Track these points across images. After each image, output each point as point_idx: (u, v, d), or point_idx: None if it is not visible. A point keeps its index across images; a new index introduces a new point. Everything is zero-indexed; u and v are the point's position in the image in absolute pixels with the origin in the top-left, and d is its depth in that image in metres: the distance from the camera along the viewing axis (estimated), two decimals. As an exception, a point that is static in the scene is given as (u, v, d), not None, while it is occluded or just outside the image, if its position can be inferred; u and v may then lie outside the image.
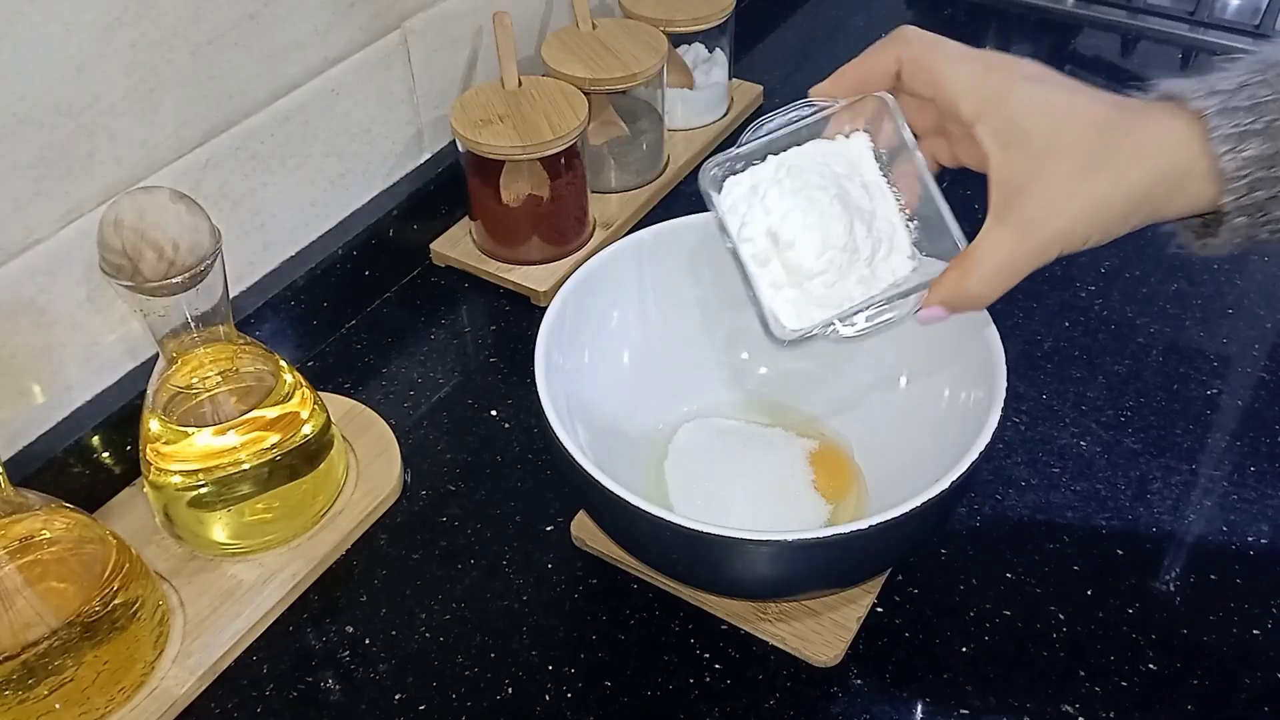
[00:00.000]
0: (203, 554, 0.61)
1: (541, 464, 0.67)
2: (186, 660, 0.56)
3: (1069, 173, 0.42)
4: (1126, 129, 0.42)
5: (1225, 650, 0.56)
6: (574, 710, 0.55)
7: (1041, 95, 0.43)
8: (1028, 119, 0.43)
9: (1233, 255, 0.80)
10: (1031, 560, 0.60)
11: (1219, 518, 0.63)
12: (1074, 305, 0.77)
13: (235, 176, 0.68)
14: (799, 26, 1.12)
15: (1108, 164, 0.42)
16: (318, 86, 0.71)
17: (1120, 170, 0.42)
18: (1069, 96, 0.43)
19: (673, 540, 0.49)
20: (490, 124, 0.75)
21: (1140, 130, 0.42)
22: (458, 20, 0.80)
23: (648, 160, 0.88)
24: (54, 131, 0.57)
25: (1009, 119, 0.43)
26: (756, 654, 0.57)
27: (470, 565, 0.62)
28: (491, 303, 0.80)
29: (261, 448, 0.59)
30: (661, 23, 0.87)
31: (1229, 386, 0.71)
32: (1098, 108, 0.43)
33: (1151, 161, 0.42)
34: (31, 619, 0.50)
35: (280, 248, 0.74)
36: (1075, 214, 0.42)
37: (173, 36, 0.61)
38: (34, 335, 0.59)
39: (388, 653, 0.57)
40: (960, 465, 0.49)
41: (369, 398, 0.71)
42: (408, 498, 0.65)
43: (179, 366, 0.57)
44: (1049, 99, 0.43)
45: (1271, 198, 0.41)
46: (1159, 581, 0.60)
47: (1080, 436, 0.67)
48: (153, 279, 0.51)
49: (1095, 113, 0.43)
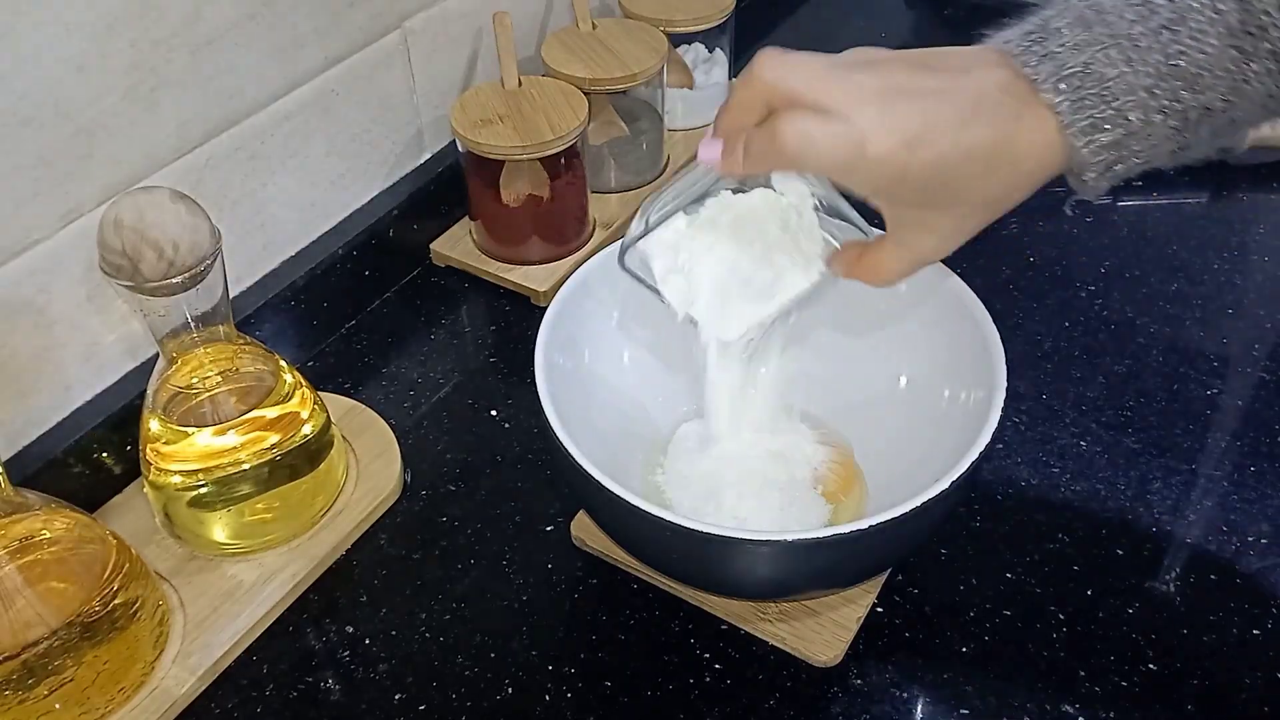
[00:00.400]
0: (203, 554, 0.61)
1: (541, 464, 0.67)
2: (186, 660, 0.56)
3: (959, 218, 0.44)
4: (1007, 157, 0.42)
5: (1225, 650, 0.56)
6: (574, 710, 0.55)
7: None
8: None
9: (1233, 255, 0.80)
10: (1031, 560, 0.60)
11: (1219, 518, 0.63)
12: (1074, 305, 0.77)
13: (235, 176, 0.68)
14: (799, 26, 1.12)
15: (996, 205, 0.44)
16: (318, 86, 0.71)
17: (1007, 205, 0.44)
18: (940, 123, 0.42)
19: (673, 540, 0.49)
20: (490, 124, 0.75)
21: (1018, 158, 0.42)
22: (458, 20, 0.80)
23: (648, 160, 0.88)
24: (54, 131, 0.57)
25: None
26: (756, 654, 0.57)
27: (470, 565, 0.62)
28: (491, 303, 0.80)
29: (261, 448, 0.59)
30: (661, 23, 0.87)
31: (1229, 386, 0.71)
32: (976, 134, 0.42)
33: (1029, 181, 0.43)
34: (31, 619, 0.50)
35: (280, 248, 0.74)
36: (961, 240, 0.45)
37: (173, 36, 0.61)
38: (34, 335, 0.59)
39: (388, 653, 0.57)
40: (960, 465, 0.49)
41: (369, 398, 0.71)
42: (408, 498, 0.65)
43: (179, 366, 0.57)
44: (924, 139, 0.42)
45: (1126, 163, 0.42)
46: (1159, 581, 0.60)
47: (1080, 436, 0.67)
48: (153, 279, 0.51)
49: (976, 146, 0.42)
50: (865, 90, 0.41)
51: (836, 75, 0.42)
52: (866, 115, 0.41)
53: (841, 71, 0.42)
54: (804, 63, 0.43)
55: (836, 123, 0.41)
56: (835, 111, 0.41)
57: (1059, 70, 0.40)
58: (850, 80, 0.42)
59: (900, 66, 0.43)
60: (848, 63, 0.43)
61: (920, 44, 0.45)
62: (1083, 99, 0.40)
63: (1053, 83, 0.41)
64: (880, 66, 0.43)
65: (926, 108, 0.41)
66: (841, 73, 0.42)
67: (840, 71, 0.42)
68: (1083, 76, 0.40)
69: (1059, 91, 0.40)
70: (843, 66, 0.43)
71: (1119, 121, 0.40)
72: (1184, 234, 0.83)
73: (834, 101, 0.41)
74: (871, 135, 0.41)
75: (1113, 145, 0.41)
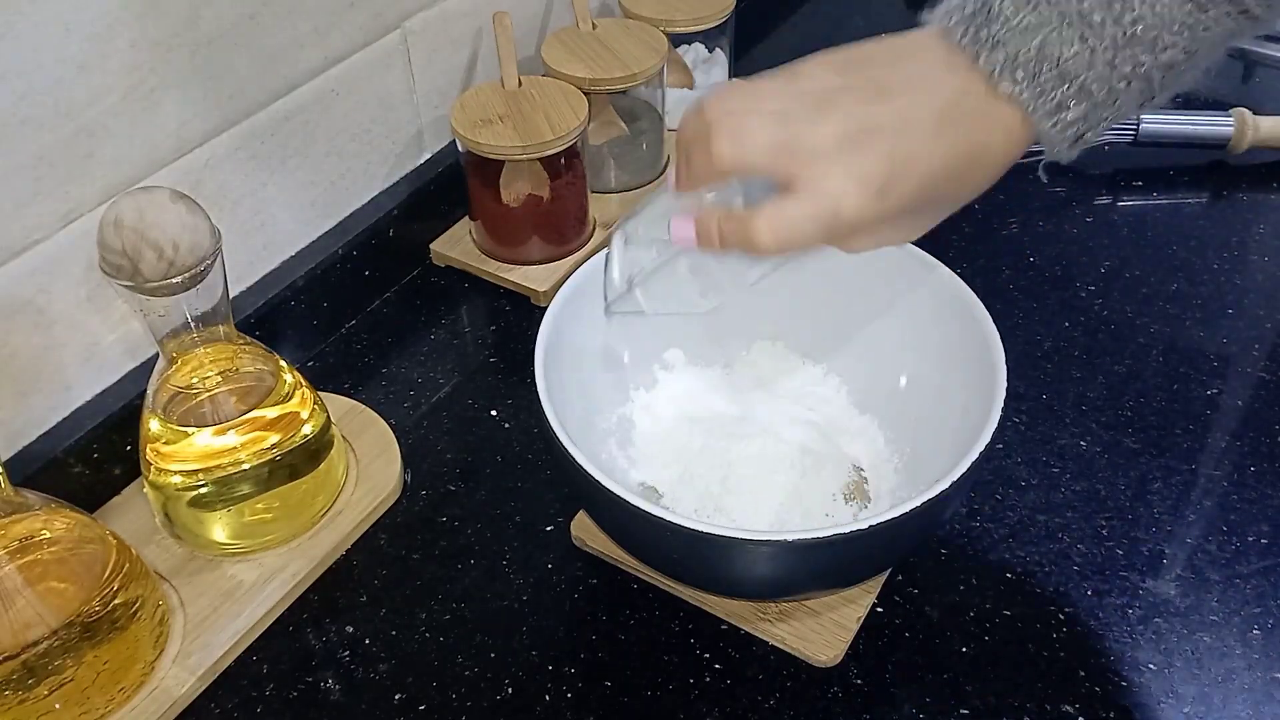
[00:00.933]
0: (203, 554, 0.61)
1: (541, 464, 0.67)
2: (186, 660, 0.56)
3: (931, 216, 0.45)
4: (980, 160, 0.42)
5: (1225, 650, 0.56)
6: (574, 710, 0.55)
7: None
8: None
9: (1233, 255, 0.80)
10: (1031, 560, 0.60)
11: (1219, 518, 0.63)
12: (1074, 305, 0.77)
13: (235, 176, 0.68)
14: (799, 26, 1.12)
15: (969, 196, 0.44)
16: (318, 86, 0.71)
17: (980, 191, 0.44)
18: (907, 158, 0.42)
19: (672, 540, 0.49)
20: (490, 124, 0.75)
21: (990, 156, 0.42)
22: (458, 20, 0.80)
23: (648, 160, 0.88)
24: (54, 131, 0.57)
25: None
26: (756, 654, 0.57)
27: (470, 565, 0.62)
28: (491, 303, 0.80)
29: (261, 448, 0.59)
30: (661, 23, 0.87)
31: (1229, 386, 0.71)
32: (945, 153, 0.41)
33: (1003, 166, 0.43)
34: (31, 619, 0.50)
35: (280, 248, 0.74)
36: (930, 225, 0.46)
37: (173, 36, 0.61)
38: (34, 335, 0.59)
39: (388, 653, 0.57)
40: (960, 465, 0.49)
41: (369, 398, 0.71)
42: (408, 498, 0.65)
43: (179, 366, 0.57)
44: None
45: (1095, 130, 0.42)
46: (1159, 581, 0.60)
47: (1080, 436, 0.67)
48: (153, 279, 0.51)
49: (948, 165, 0.42)
50: (825, 145, 0.41)
51: (792, 134, 0.41)
52: (833, 178, 0.41)
53: (797, 126, 0.41)
54: (757, 131, 0.42)
55: (806, 200, 0.41)
56: (800, 184, 0.41)
57: (1013, 58, 0.40)
58: (808, 136, 0.41)
59: (852, 95, 0.42)
60: (801, 101, 0.42)
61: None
62: (1042, 84, 0.40)
63: (1009, 73, 0.40)
64: (834, 100, 0.42)
65: (892, 148, 0.41)
66: (797, 128, 0.41)
67: (795, 126, 0.41)
68: (1038, 61, 0.40)
69: (1016, 81, 0.40)
70: (796, 116, 0.42)
71: (1083, 97, 0.40)
72: (1184, 234, 0.83)
73: (797, 171, 0.41)
74: (843, 198, 0.41)
75: (1079, 119, 0.41)
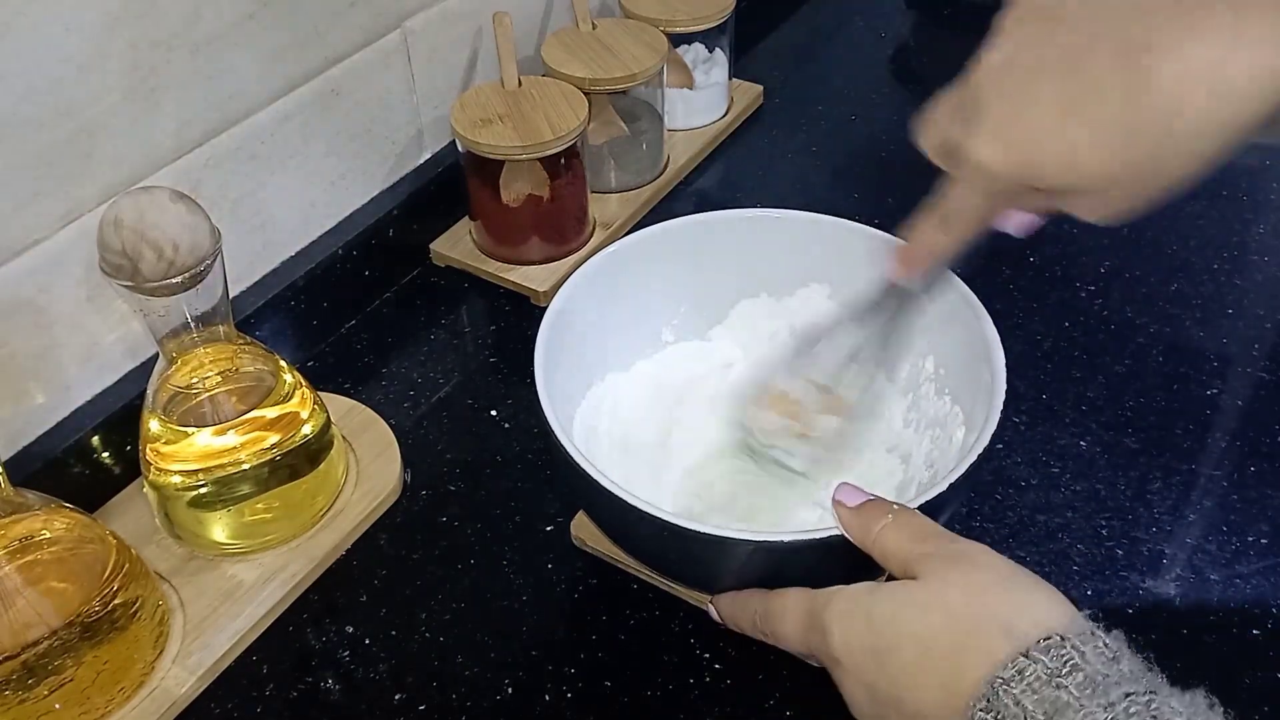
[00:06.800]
0: (203, 554, 0.61)
1: (541, 464, 0.67)
2: (186, 660, 0.56)
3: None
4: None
5: (1225, 650, 0.56)
6: (574, 710, 0.55)
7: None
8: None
9: (1233, 255, 0.80)
10: (1031, 560, 0.60)
11: (1219, 518, 0.63)
12: (1074, 305, 0.77)
13: (235, 176, 0.68)
14: (799, 26, 1.12)
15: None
16: (318, 86, 0.71)
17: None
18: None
19: (671, 541, 0.49)
20: (490, 124, 0.75)
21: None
22: (458, 20, 0.80)
23: (648, 160, 0.88)
24: (54, 131, 0.57)
25: None
26: (756, 654, 0.57)
27: (470, 565, 0.62)
28: (491, 303, 0.80)
29: (261, 448, 0.59)
30: (661, 23, 0.87)
31: (1229, 386, 0.71)
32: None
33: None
34: (31, 619, 0.50)
35: (280, 248, 0.74)
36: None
37: (173, 36, 0.61)
38: (34, 335, 0.59)
39: (388, 653, 0.57)
40: (960, 465, 0.49)
41: (369, 398, 0.71)
42: (408, 498, 0.65)
43: (179, 366, 0.57)
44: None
45: None
46: (1159, 581, 0.60)
47: (1080, 436, 0.67)
48: (153, 279, 0.51)
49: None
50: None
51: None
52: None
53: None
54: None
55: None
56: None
57: None
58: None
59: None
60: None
61: (920, 44, 0.44)
62: None
63: None
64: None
65: None
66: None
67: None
68: None
69: None
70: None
71: None
72: (1184, 234, 0.83)
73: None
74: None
75: None
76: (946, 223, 0.45)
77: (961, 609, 0.41)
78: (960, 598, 0.42)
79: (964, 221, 0.44)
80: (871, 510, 0.47)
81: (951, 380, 0.59)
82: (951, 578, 0.43)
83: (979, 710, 0.38)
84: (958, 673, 0.40)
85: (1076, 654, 0.38)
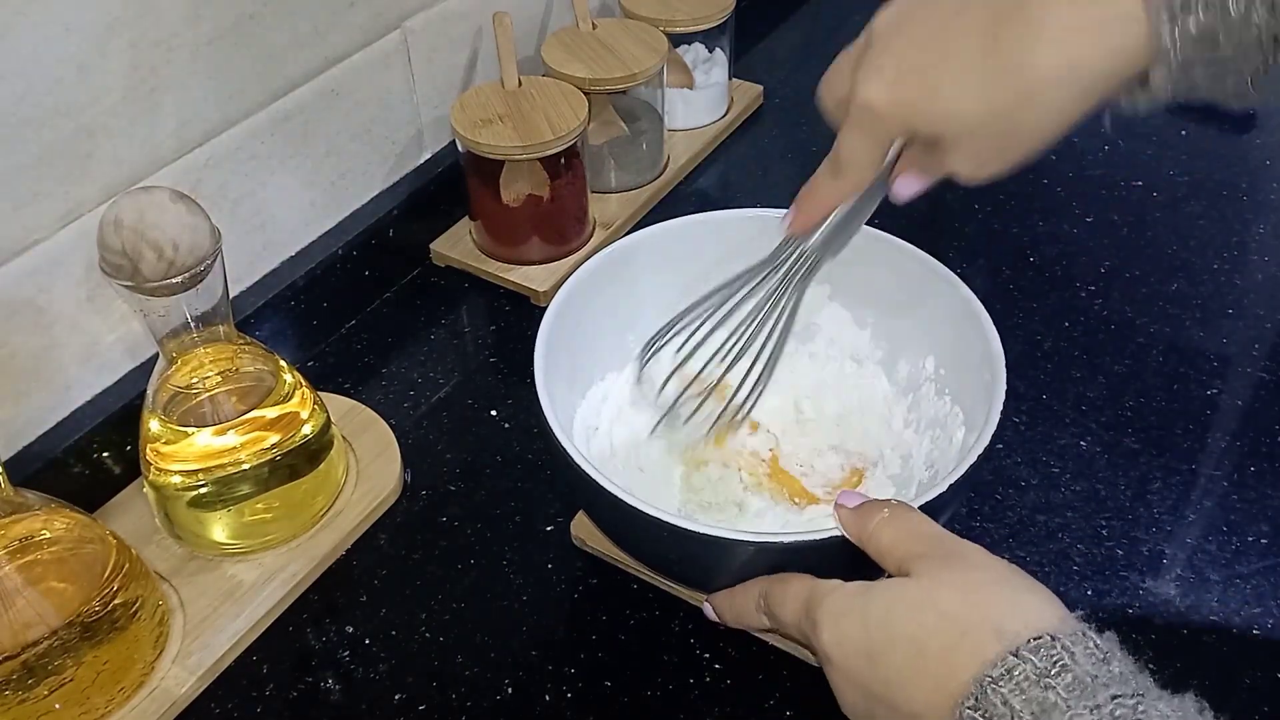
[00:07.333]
0: (203, 554, 0.61)
1: (541, 464, 0.67)
2: (186, 660, 0.56)
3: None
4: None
5: (1225, 650, 0.56)
6: (574, 710, 0.55)
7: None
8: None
9: (1233, 255, 0.80)
10: (1031, 560, 0.60)
11: (1219, 518, 0.63)
12: (1074, 305, 0.77)
13: (235, 176, 0.68)
14: (799, 26, 1.12)
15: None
16: (318, 86, 0.71)
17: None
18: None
19: (670, 541, 0.49)
20: (490, 124, 0.75)
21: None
22: (458, 20, 0.80)
23: (648, 160, 0.88)
24: (54, 131, 0.57)
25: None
26: (756, 654, 0.57)
27: (470, 565, 0.62)
28: (491, 303, 0.80)
29: (261, 448, 0.59)
30: (661, 23, 0.87)
31: (1229, 386, 0.71)
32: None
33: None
34: (31, 619, 0.50)
35: (280, 248, 0.74)
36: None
37: (173, 36, 0.61)
38: (34, 335, 0.59)
39: (388, 653, 0.57)
40: (960, 465, 0.49)
41: (369, 398, 0.71)
42: (408, 498, 0.65)
43: (179, 366, 0.57)
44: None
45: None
46: (1159, 581, 0.60)
47: (1080, 436, 0.67)
48: (153, 279, 0.51)
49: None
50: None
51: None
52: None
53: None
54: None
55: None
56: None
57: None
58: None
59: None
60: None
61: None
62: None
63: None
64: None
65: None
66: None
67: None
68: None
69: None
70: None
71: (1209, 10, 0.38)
72: (1184, 234, 0.83)
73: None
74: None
75: (1199, 38, 0.38)
76: (838, 171, 0.48)
77: (954, 609, 0.41)
78: (954, 598, 0.42)
79: (855, 169, 0.48)
80: (868, 508, 0.47)
81: (951, 380, 0.59)
82: (945, 577, 0.43)
83: (967, 709, 0.38)
84: (949, 672, 0.40)
85: (1066, 654, 0.38)
